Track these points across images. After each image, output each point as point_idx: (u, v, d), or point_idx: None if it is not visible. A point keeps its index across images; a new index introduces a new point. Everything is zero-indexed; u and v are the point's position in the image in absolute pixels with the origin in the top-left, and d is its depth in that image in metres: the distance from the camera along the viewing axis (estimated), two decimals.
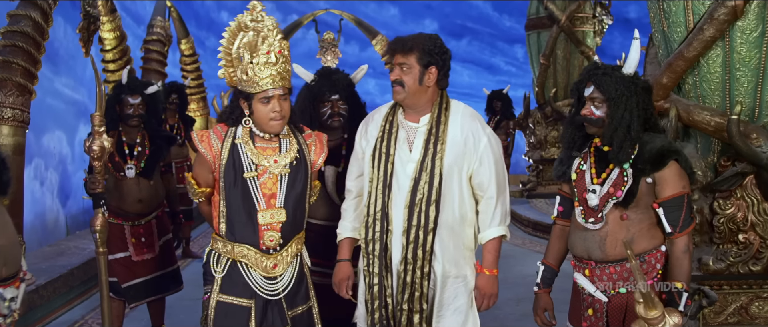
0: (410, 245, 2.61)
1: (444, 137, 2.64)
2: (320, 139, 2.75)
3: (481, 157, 2.64)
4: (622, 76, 2.42)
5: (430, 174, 2.60)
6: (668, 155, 2.39)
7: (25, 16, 4.50)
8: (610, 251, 2.45)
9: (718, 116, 3.30)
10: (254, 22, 2.49)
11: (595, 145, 2.54)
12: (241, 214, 2.52)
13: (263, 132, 2.57)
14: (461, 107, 2.73)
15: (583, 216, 2.50)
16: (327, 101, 3.25)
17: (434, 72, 2.63)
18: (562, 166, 2.62)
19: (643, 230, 2.46)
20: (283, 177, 2.56)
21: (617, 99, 2.39)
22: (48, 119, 7.57)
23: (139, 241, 3.87)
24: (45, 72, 7.50)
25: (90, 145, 3.15)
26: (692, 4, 3.37)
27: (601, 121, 2.44)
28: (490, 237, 2.67)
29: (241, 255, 2.53)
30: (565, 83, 9.76)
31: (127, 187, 3.84)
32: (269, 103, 2.49)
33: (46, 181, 7.53)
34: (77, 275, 5.26)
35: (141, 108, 3.84)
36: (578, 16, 9.52)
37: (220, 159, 2.53)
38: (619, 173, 2.44)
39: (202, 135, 2.58)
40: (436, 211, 2.60)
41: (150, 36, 7.21)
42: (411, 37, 2.64)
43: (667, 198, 2.39)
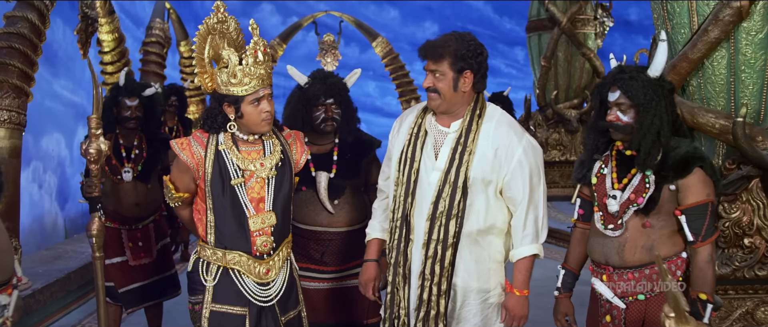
0: (429, 260, 2.47)
1: (473, 147, 2.46)
2: (299, 138, 2.71)
3: (513, 171, 2.45)
4: (649, 80, 2.33)
5: (454, 186, 2.44)
6: (693, 162, 2.31)
7: (22, 17, 4.45)
8: (628, 257, 2.39)
9: (722, 118, 3.26)
10: (220, 24, 2.43)
11: (617, 149, 2.46)
12: (230, 223, 2.46)
13: (248, 134, 2.51)
14: (497, 115, 2.54)
15: (603, 222, 2.44)
16: (321, 105, 3.20)
17: (469, 76, 2.45)
18: (583, 169, 2.56)
19: (664, 237, 2.39)
20: (270, 180, 2.51)
21: (646, 104, 2.31)
22: (46, 122, 7.54)
23: (137, 246, 3.82)
24: (43, 74, 7.49)
25: (86, 148, 3.13)
26: (696, 5, 3.33)
27: (629, 127, 2.36)
28: (521, 256, 2.49)
29: (233, 262, 2.47)
30: (566, 85, 9.73)
31: (125, 190, 3.79)
32: (260, 103, 2.44)
33: (44, 183, 7.50)
34: (74, 279, 5.22)
35: (138, 110, 3.79)
36: (579, 18, 9.50)
37: (205, 167, 2.46)
38: (641, 179, 2.37)
39: (182, 142, 2.50)
40: (457, 226, 2.45)
41: (149, 38, 7.18)
42: (442, 41, 2.46)
43: (690, 205, 2.32)
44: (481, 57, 2.46)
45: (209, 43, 2.43)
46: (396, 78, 9.38)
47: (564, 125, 9.62)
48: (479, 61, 2.46)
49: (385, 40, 9.35)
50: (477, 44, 2.47)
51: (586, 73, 9.73)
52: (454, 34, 2.48)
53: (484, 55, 2.48)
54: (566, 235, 7.29)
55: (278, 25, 14.44)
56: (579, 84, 9.77)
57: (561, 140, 9.70)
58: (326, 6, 13.17)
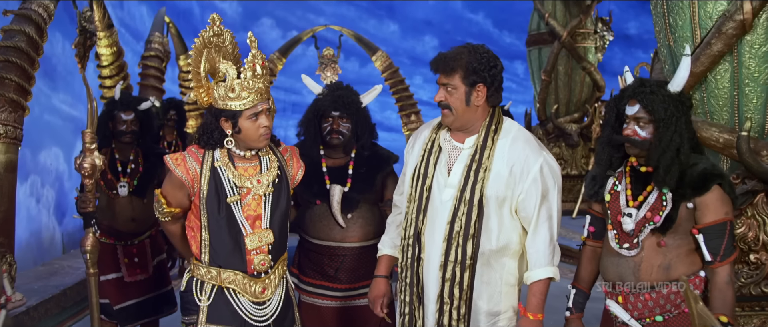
0: (446, 283, 2.39)
1: (488, 164, 2.38)
2: (295, 153, 2.64)
3: (528, 189, 2.36)
4: (669, 95, 2.27)
5: (469, 205, 2.36)
6: (711, 179, 2.25)
7: (20, 31, 4.42)
8: (644, 277, 2.32)
9: (726, 133, 3.21)
10: (216, 37, 2.39)
11: (632, 165, 2.40)
12: (226, 241, 2.39)
13: (245, 150, 2.45)
14: (514, 130, 2.46)
15: (617, 241, 2.37)
16: (328, 117, 3.15)
17: (482, 90, 2.38)
18: (595, 185, 2.48)
19: (681, 256, 2.32)
20: (267, 197, 2.44)
21: (666, 120, 2.24)
22: (45, 136, 7.51)
23: (132, 262, 3.77)
24: (42, 88, 7.49)
25: (81, 162, 3.11)
26: (699, 18, 3.30)
27: (647, 142, 2.29)
28: (536, 278, 2.39)
29: (228, 281, 2.40)
30: (566, 99, 9.71)
31: (120, 205, 3.74)
32: (258, 118, 2.38)
33: (42, 198, 7.46)
34: (70, 296, 5.15)
35: (134, 124, 3.75)
36: (580, 31, 9.49)
37: (201, 184, 2.40)
38: (658, 197, 2.30)
39: (177, 158, 2.44)
40: (474, 246, 2.37)
41: (148, 52, 7.14)
42: (454, 53, 2.38)
43: (708, 224, 2.25)
44: (494, 70, 2.38)
45: (205, 57, 2.39)
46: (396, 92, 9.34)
47: (564, 139, 9.59)
48: (493, 74, 2.38)
49: (385, 54, 9.32)
50: (491, 56, 2.39)
51: (587, 87, 9.71)
52: (467, 46, 2.40)
53: (498, 67, 2.40)
54: (569, 250, 7.22)
55: (278, 39, 14.47)
56: (579, 98, 9.74)
57: (562, 154, 9.66)
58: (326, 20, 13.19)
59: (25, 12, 4.51)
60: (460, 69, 2.35)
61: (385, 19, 17.57)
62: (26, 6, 4.56)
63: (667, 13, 3.49)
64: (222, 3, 15.95)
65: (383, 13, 17.58)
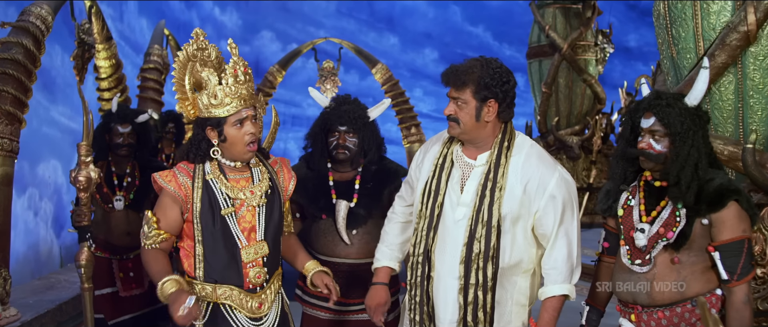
0: (469, 306, 2.31)
1: (503, 182, 2.32)
2: (285, 164, 2.59)
3: (545, 207, 2.31)
4: (686, 109, 2.22)
5: (488, 226, 2.30)
6: (728, 195, 2.18)
7: (17, 43, 4.40)
8: (657, 296, 2.26)
9: (731, 145, 3.18)
10: (200, 51, 2.36)
11: (646, 180, 2.34)
12: (222, 255, 2.33)
13: (234, 161, 2.40)
14: (527, 146, 2.40)
15: (629, 257, 2.31)
16: (335, 132, 3.11)
17: (494, 105, 2.32)
18: (608, 199, 2.43)
19: (696, 273, 2.24)
20: (261, 208, 2.40)
21: (683, 134, 2.19)
22: (43, 148, 7.47)
23: (128, 276, 3.72)
24: (41, 100, 7.45)
25: (76, 175, 3.08)
26: (702, 29, 3.27)
27: (662, 156, 2.24)
28: (550, 294, 2.34)
29: (224, 297, 2.34)
30: (567, 112, 9.68)
31: (116, 219, 3.70)
32: (243, 125, 2.33)
33: (40, 211, 7.41)
34: (66, 310, 5.07)
35: (131, 137, 3.71)
36: (580, 44, 9.47)
37: (194, 200, 2.34)
38: (671, 212, 2.24)
39: (166, 175, 2.38)
40: (494, 267, 2.30)
41: (147, 64, 7.12)
42: (466, 67, 2.32)
43: (724, 242, 2.18)
44: (507, 85, 2.32)
45: (189, 71, 2.36)
46: (396, 104, 9.31)
47: (565, 152, 9.54)
48: (505, 90, 2.31)
49: (385, 67, 9.30)
50: (504, 71, 2.33)
51: (588, 99, 9.68)
52: (481, 59, 2.35)
53: (511, 83, 2.34)
54: None
55: (278, 52, 14.48)
56: (580, 110, 9.71)
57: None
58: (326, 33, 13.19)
59: (22, 24, 4.48)
60: (471, 83, 2.29)
61: (385, 32, 17.59)
62: (24, 18, 4.54)
63: (669, 24, 3.47)
64: (222, 16, 15.98)
65: (383, 26, 17.62)
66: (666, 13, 3.49)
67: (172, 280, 2.27)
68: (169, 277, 2.27)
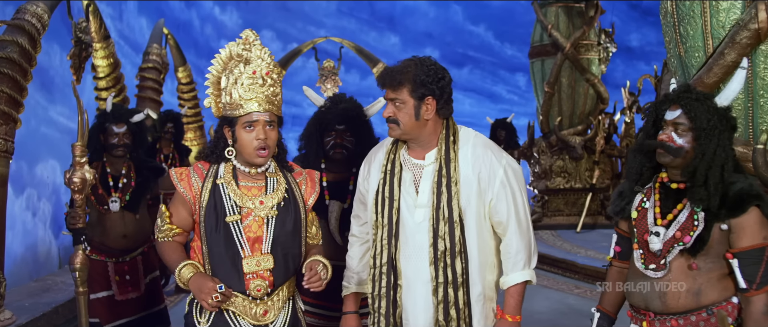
0: (440, 305, 2.29)
1: (456, 176, 2.31)
2: (312, 177, 2.48)
3: (497, 193, 2.32)
4: (715, 107, 2.12)
5: (449, 221, 2.28)
6: (749, 200, 2.07)
7: (12, 41, 4.33)
8: (671, 303, 2.16)
9: (740, 145, 3.10)
10: (247, 52, 2.25)
11: (662, 181, 2.24)
12: (224, 261, 2.26)
13: (248, 166, 2.31)
14: (471, 137, 2.39)
15: (643, 261, 2.22)
16: (332, 131, 3.04)
17: (432, 103, 2.30)
18: (622, 201, 2.33)
19: (712, 280, 2.14)
20: (270, 220, 2.30)
21: (709, 131, 2.08)
22: (41, 148, 7.42)
23: (124, 279, 3.64)
24: (39, 100, 7.40)
25: (70, 176, 3.00)
26: (711, 27, 3.19)
27: (682, 151, 2.13)
28: (513, 282, 2.35)
29: (227, 302, 2.26)
30: (570, 111, 9.61)
31: (111, 221, 3.62)
32: (253, 129, 2.24)
33: (38, 211, 7.36)
34: (62, 313, 5.02)
35: (126, 137, 3.63)
36: (583, 43, 9.41)
37: (201, 201, 2.27)
38: (689, 216, 2.13)
39: (182, 173, 2.32)
40: (463, 262, 2.29)
41: (145, 63, 7.07)
42: (400, 67, 2.31)
43: (744, 249, 2.08)
44: (443, 81, 2.30)
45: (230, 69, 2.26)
46: None
47: (568, 152, 9.49)
48: (441, 86, 2.30)
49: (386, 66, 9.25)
50: (438, 68, 2.32)
51: (590, 99, 9.62)
52: (414, 59, 2.33)
53: (447, 79, 2.32)
54: (573, 265, 7.11)
55: (278, 51, 14.42)
56: (583, 110, 9.65)
57: (565, 167, 9.55)
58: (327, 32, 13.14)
59: (18, 22, 4.42)
60: (407, 82, 2.27)
61: (386, 31, 17.55)
62: (19, 16, 4.48)
63: (677, 22, 3.39)
64: (222, 15, 15.93)
65: (384, 25, 17.57)
66: (674, 11, 3.41)
67: (189, 265, 2.24)
68: (185, 263, 2.25)
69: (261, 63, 2.22)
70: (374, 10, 17.46)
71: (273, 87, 2.25)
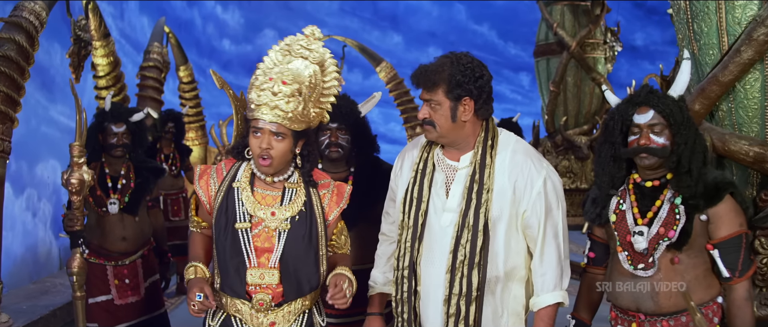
0: (451, 318, 2.17)
1: (490, 184, 2.17)
2: (341, 191, 2.32)
3: (533, 205, 2.18)
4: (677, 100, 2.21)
5: (473, 230, 2.16)
6: (724, 188, 2.15)
7: (9, 39, 4.24)
8: (664, 302, 2.17)
9: (757, 146, 3.03)
10: (305, 50, 2.13)
11: (635, 182, 2.26)
12: (230, 267, 2.17)
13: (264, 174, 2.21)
14: (512, 143, 2.26)
15: (630, 262, 2.21)
16: (326, 129, 2.95)
17: (469, 103, 2.17)
18: (596, 207, 2.32)
19: (699, 277, 2.18)
20: (281, 233, 2.17)
21: (684, 123, 2.15)
22: (42, 148, 7.39)
23: (123, 283, 3.58)
24: (40, 99, 7.35)
25: (68, 177, 2.96)
26: (726, 24, 3.11)
27: (666, 150, 2.17)
28: (545, 304, 2.21)
29: (234, 309, 2.18)
30: (575, 111, 9.55)
31: (110, 223, 3.55)
32: (259, 135, 2.11)
33: (38, 212, 7.33)
34: (60, 316, 4.96)
35: (125, 137, 3.56)
36: (589, 42, 9.35)
37: (215, 202, 2.19)
38: (670, 210, 2.17)
39: (204, 171, 2.25)
40: (480, 276, 2.16)
41: (146, 62, 7.00)
42: (435, 66, 2.18)
43: (723, 238, 2.14)
44: (481, 81, 2.17)
45: None
46: (400, 104, 9.18)
47: (574, 152, 9.43)
48: (479, 86, 2.16)
49: (390, 65, 9.16)
50: (476, 66, 2.18)
51: (596, 98, 9.56)
52: (450, 56, 2.20)
53: (486, 78, 2.19)
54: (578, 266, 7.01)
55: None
56: (589, 109, 9.59)
57: (571, 167, 9.50)
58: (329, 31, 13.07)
59: (15, 19, 4.33)
60: (442, 83, 2.15)
61: (389, 30, 17.52)
62: (16, 13, 4.39)
63: (690, 19, 3.31)
64: (224, 14, 15.88)
65: (387, 24, 17.54)
66: (687, 8, 3.33)
67: (193, 267, 2.19)
68: (192, 264, 2.20)
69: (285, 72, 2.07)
70: (377, 9, 17.42)
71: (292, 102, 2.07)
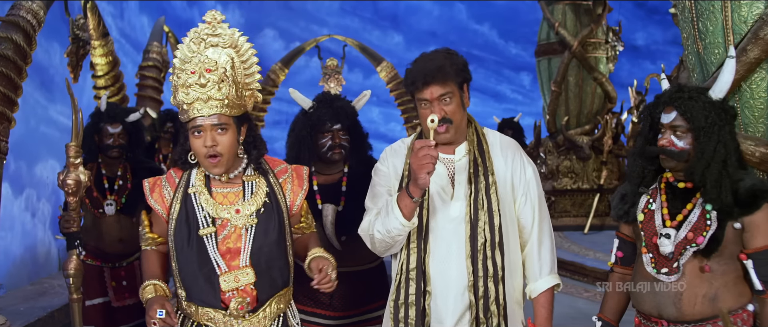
0: (480, 301, 2.13)
1: (492, 167, 2.21)
2: (299, 173, 2.24)
3: (526, 192, 2.23)
4: (711, 102, 2.06)
5: (489, 212, 2.16)
6: (762, 196, 2.02)
7: (6, 38, 4.20)
8: (687, 309, 2.07)
9: (763, 146, 2.98)
10: (213, 37, 2.02)
11: (667, 181, 2.17)
12: (198, 279, 2.05)
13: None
14: (498, 135, 2.32)
15: (654, 265, 2.13)
16: (327, 132, 2.91)
17: (467, 90, 2.23)
18: (625, 204, 2.25)
19: (728, 284, 2.07)
20: (249, 229, 2.07)
21: (708, 129, 2.03)
22: (41, 148, 7.35)
23: (120, 285, 3.55)
24: (39, 99, 7.32)
25: (64, 178, 2.90)
26: (732, 22, 3.06)
27: (685, 154, 2.07)
28: (543, 289, 2.23)
29: (206, 318, 2.06)
30: (577, 111, 9.49)
31: (107, 225, 3.51)
32: (201, 135, 1.99)
33: (37, 212, 7.29)
34: (58, 318, 4.92)
35: (122, 138, 3.52)
36: (590, 41, 9.29)
37: (171, 213, 2.07)
38: (701, 215, 2.06)
39: (154, 184, 2.13)
40: (502, 255, 2.16)
41: (146, 62, 6.96)
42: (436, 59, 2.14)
43: (758, 249, 2.01)
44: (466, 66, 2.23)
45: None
46: (401, 103, 9.13)
47: (575, 152, 9.37)
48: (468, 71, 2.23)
49: (390, 65, 9.12)
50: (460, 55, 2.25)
51: (598, 98, 9.50)
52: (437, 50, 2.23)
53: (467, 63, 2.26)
54: (582, 267, 6.98)
55: (281, 50, 14.35)
56: (591, 109, 9.53)
57: (572, 167, 9.43)
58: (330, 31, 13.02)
59: (12, 18, 4.29)
60: (451, 72, 2.15)
61: (390, 30, 17.45)
62: (14, 12, 4.35)
63: (696, 17, 3.26)
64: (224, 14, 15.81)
65: (387, 24, 17.46)
66: (692, 7, 3.28)
67: (151, 285, 2.08)
68: (149, 282, 2.09)
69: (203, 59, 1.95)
70: (378, 9, 17.35)
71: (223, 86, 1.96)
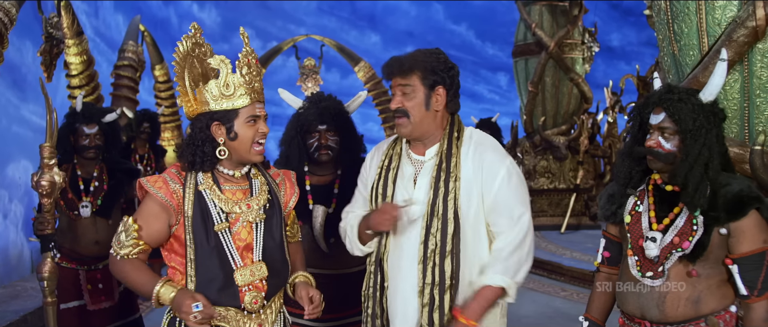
0: (425, 308, 2.14)
1: (457, 172, 2.18)
2: (289, 177, 2.31)
3: (496, 194, 2.17)
4: (700, 105, 2.04)
5: (443, 219, 2.15)
6: (749, 203, 2.00)
7: None
8: (670, 312, 2.07)
9: (736, 146, 3.02)
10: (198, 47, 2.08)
11: (655, 183, 2.16)
12: (217, 277, 2.04)
13: (234, 169, 2.12)
14: (475, 135, 2.28)
15: (639, 268, 2.13)
16: (315, 132, 2.89)
17: (442, 93, 2.19)
18: (612, 205, 2.24)
19: (712, 287, 2.06)
20: (258, 224, 2.11)
21: (695, 131, 2.00)
22: (13, 148, 7.23)
23: (96, 288, 3.47)
24: (10, 98, 7.19)
25: (38, 180, 2.84)
26: (706, 25, 3.11)
27: (672, 156, 2.05)
28: (489, 283, 2.15)
29: (219, 318, 2.05)
30: (554, 111, 9.55)
31: (82, 227, 3.44)
32: (256, 123, 2.06)
33: (9, 213, 7.16)
34: (31, 321, 4.82)
35: (98, 138, 3.45)
36: (567, 42, 9.35)
37: (185, 211, 2.05)
38: (687, 220, 2.05)
39: (156, 180, 2.08)
40: (453, 264, 2.14)
41: (121, 61, 6.87)
42: (410, 54, 2.20)
43: (744, 254, 2.01)
44: (453, 72, 2.21)
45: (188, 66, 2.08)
46: (379, 103, 9.15)
47: (552, 152, 9.43)
48: (451, 76, 2.20)
49: (368, 65, 9.12)
50: (447, 59, 2.22)
51: (574, 98, 9.57)
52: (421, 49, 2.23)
53: (455, 70, 2.23)
54: (559, 267, 7.03)
55: (258, 49, 14.21)
56: (567, 110, 9.60)
57: (549, 167, 9.49)
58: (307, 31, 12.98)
59: None
60: (418, 69, 2.16)
61: (367, 30, 17.43)
62: None
63: (671, 19, 3.30)
64: (200, 13, 15.68)
65: (365, 24, 17.45)
66: (667, 9, 3.32)
67: (167, 285, 2.00)
68: (162, 283, 2.00)
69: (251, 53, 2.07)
70: (355, 9, 17.32)
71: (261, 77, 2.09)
